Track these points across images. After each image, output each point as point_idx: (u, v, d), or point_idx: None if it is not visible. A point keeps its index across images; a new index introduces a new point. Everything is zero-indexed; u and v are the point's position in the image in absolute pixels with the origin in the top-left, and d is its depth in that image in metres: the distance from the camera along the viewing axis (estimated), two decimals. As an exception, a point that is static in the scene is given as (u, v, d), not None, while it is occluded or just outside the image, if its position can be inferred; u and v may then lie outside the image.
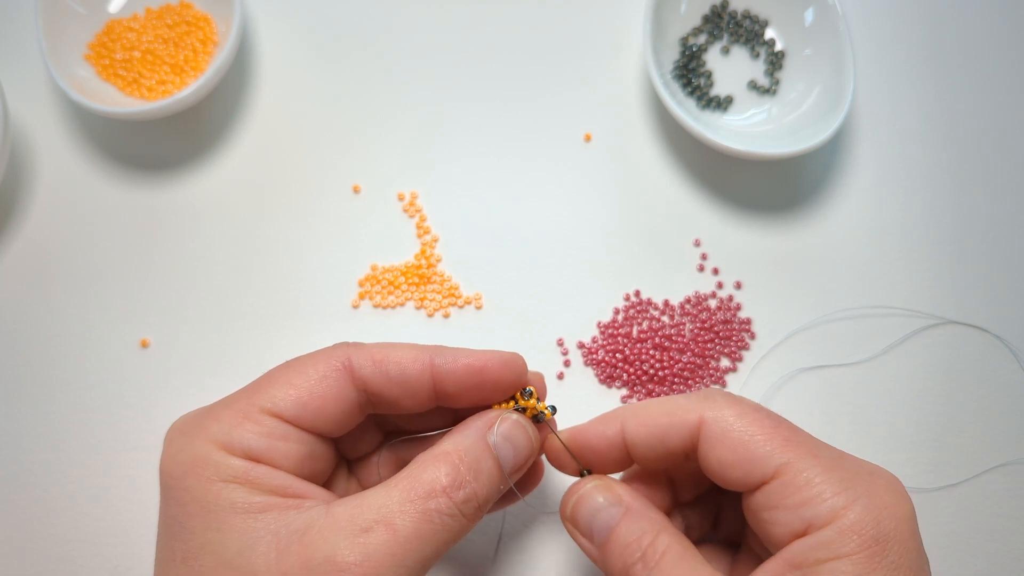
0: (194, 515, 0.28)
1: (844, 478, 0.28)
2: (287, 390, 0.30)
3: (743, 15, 0.49)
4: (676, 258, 0.46)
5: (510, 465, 0.31)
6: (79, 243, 0.46)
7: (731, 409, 0.30)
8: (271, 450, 0.29)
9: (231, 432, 0.29)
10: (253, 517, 0.28)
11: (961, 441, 0.43)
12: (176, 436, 0.30)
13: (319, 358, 0.31)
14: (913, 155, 0.49)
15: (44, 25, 0.45)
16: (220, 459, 0.29)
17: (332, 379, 0.31)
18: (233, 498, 0.28)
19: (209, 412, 0.30)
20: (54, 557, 0.41)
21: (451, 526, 0.29)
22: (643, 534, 0.30)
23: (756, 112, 0.48)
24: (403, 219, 0.47)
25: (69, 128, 0.48)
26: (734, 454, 0.29)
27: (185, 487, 0.29)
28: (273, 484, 0.29)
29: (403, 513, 0.28)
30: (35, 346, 0.44)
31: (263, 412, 0.30)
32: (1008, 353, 0.45)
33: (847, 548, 0.26)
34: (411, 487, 0.29)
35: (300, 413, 0.30)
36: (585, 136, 0.48)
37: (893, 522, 0.26)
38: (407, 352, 0.31)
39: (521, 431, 0.32)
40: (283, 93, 0.49)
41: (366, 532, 0.27)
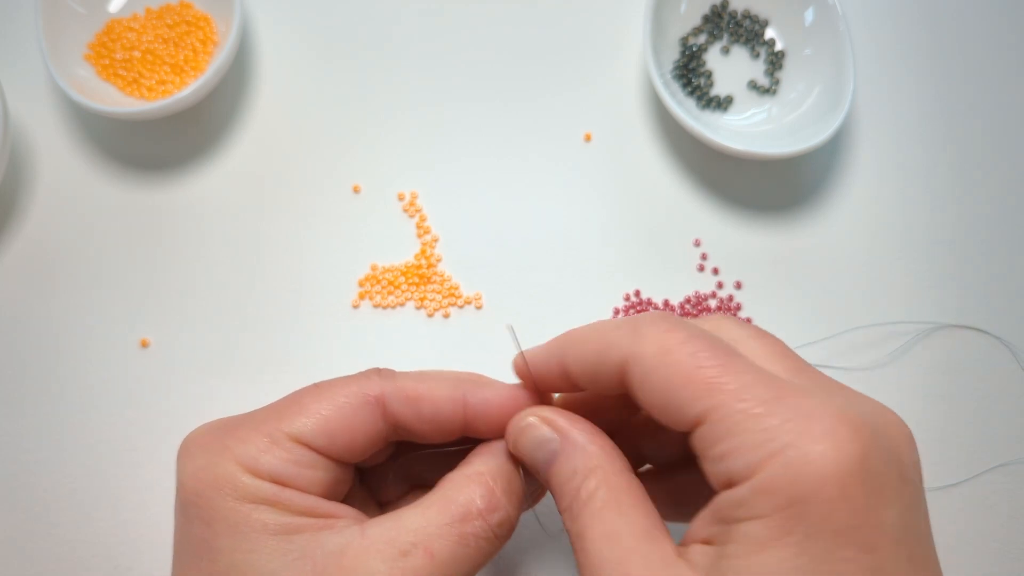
0: (222, 535, 0.28)
1: (771, 426, 0.24)
2: (316, 420, 0.30)
3: (743, 15, 0.49)
4: (676, 258, 0.46)
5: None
6: (79, 243, 0.46)
7: (654, 346, 0.27)
8: (298, 477, 0.29)
9: (259, 457, 0.28)
10: (286, 539, 0.27)
11: (961, 441, 0.43)
12: (196, 452, 0.29)
13: (351, 387, 0.30)
14: (913, 155, 0.49)
15: (44, 25, 0.45)
16: (248, 481, 0.28)
17: (364, 412, 0.30)
18: (264, 519, 0.28)
19: (232, 431, 0.30)
20: (54, 557, 0.41)
21: (485, 549, 0.29)
22: (574, 475, 0.28)
23: (756, 112, 0.48)
24: (403, 219, 0.47)
25: (69, 128, 0.48)
26: (655, 397, 0.26)
27: (213, 507, 0.28)
28: (303, 506, 0.28)
29: (440, 536, 0.28)
30: (35, 346, 0.44)
31: (291, 439, 0.29)
32: (1008, 353, 0.45)
33: (760, 509, 0.23)
34: (447, 509, 0.28)
35: (329, 444, 0.30)
36: (585, 136, 0.48)
37: (817, 480, 0.22)
38: (441, 391, 0.31)
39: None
40: (283, 93, 0.49)
41: (404, 556, 0.27)
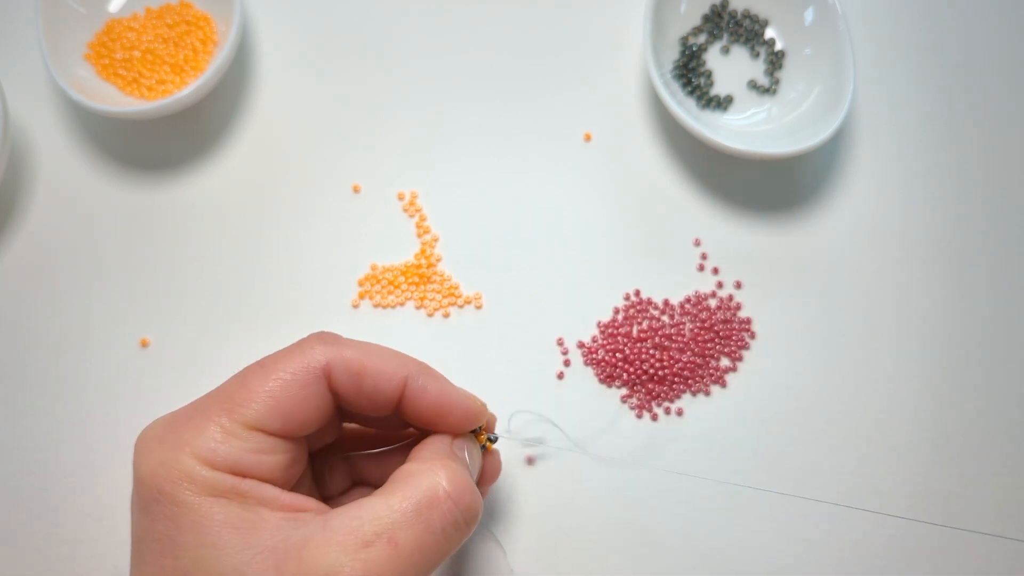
0: (186, 531, 0.27)
1: None
2: (269, 402, 0.29)
3: (743, 15, 0.49)
4: (676, 258, 0.46)
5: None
6: (79, 243, 0.46)
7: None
8: (258, 464, 0.29)
9: (216, 448, 0.28)
10: (248, 533, 0.27)
11: (962, 441, 0.43)
12: (153, 447, 0.29)
13: (295, 362, 0.30)
14: (913, 155, 0.49)
15: (44, 25, 0.45)
16: (207, 474, 0.28)
17: (312, 386, 0.30)
18: (227, 513, 0.27)
19: (186, 423, 0.29)
20: (54, 557, 0.41)
21: (452, 536, 0.28)
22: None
23: (756, 112, 0.48)
24: (403, 219, 0.47)
25: (69, 128, 0.48)
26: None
27: (175, 503, 0.28)
28: (264, 497, 0.28)
29: (406, 524, 0.27)
30: (35, 346, 0.44)
31: (246, 427, 0.29)
32: (1008, 353, 0.45)
33: None
34: (412, 496, 0.28)
35: (284, 424, 0.29)
36: (585, 136, 0.48)
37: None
38: (385, 368, 0.31)
39: (476, 448, 0.33)
40: (283, 93, 0.49)
41: (367, 547, 0.27)
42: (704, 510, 0.41)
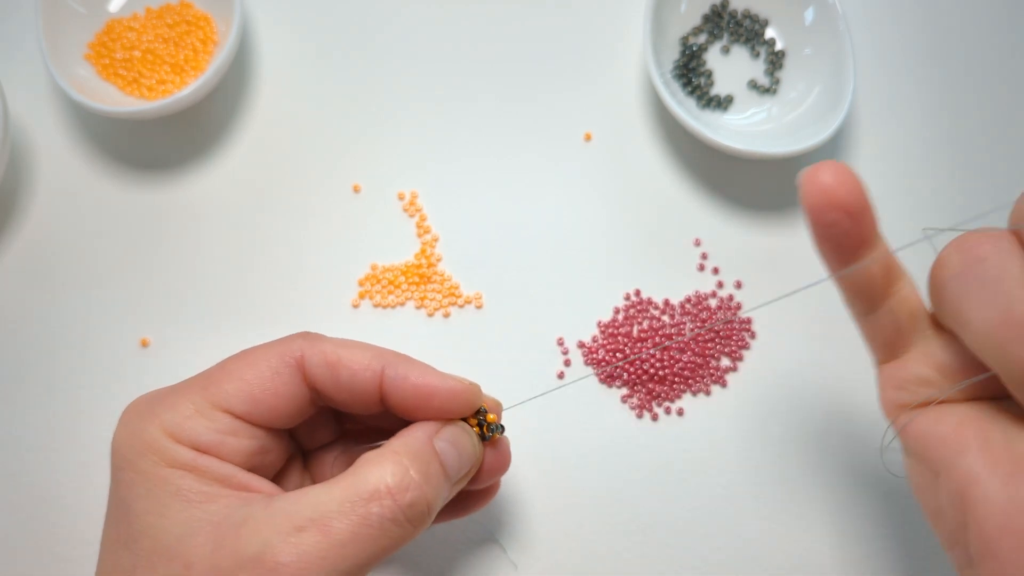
0: (140, 498, 0.28)
1: None
2: (239, 385, 0.30)
3: (743, 14, 0.49)
4: (676, 258, 0.46)
5: (455, 472, 0.30)
6: (79, 243, 0.46)
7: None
8: (220, 445, 0.29)
9: (182, 423, 0.29)
10: (196, 506, 0.28)
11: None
12: (131, 417, 0.30)
13: (272, 352, 0.31)
14: (913, 155, 0.49)
15: (44, 25, 0.45)
16: (168, 446, 0.29)
17: (284, 375, 0.30)
18: (179, 484, 0.28)
19: (163, 398, 0.30)
20: (54, 557, 0.41)
21: (392, 531, 0.28)
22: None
23: (756, 112, 0.48)
24: (403, 219, 0.47)
25: (69, 128, 0.48)
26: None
27: (136, 469, 0.29)
28: (220, 474, 0.29)
29: (341, 514, 0.27)
30: (35, 346, 0.44)
31: (214, 407, 0.29)
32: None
33: None
34: (353, 486, 0.28)
35: (251, 409, 0.30)
36: (585, 136, 0.48)
37: None
38: (360, 358, 0.30)
39: (466, 437, 0.31)
40: (283, 93, 0.49)
41: (300, 531, 0.27)
42: (705, 509, 0.41)
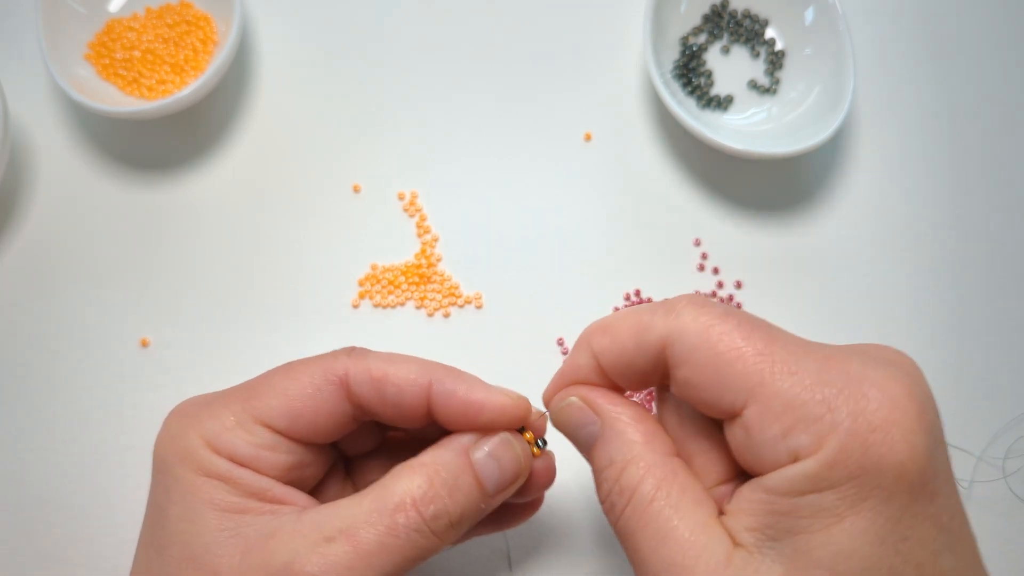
0: (174, 503, 0.29)
1: (828, 396, 0.24)
2: (281, 399, 0.30)
3: (743, 14, 0.49)
4: (676, 258, 0.46)
5: (494, 484, 0.29)
6: (79, 243, 0.46)
7: (696, 323, 0.26)
8: (257, 458, 0.29)
9: (221, 434, 0.29)
10: (227, 516, 0.28)
11: (967, 439, 0.43)
12: (174, 421, 0.30)
13: (316, 367, 0.30)
14: (913, 154, 0.49)
15: (44, 25, 0.45)
16: (206, 456, 0.29)
17: (326, 392, 0.30)
18: (213, 495, 0.28)
19: (207, 405, 0.30)
20: (54, 557, 0.41)
21: (418, 542, 0.28)
22: (611, 464, 0.27)
23: (756, 112, 0.48)
24: (403, 219, 0.47)
25: (69, 128, 0.48)
26: (702, 375, 0.26)
27: (173, 475, 0.29)
28: (254, 487, 0.29)
29: (368, 525, 0.27)
30: (35, 346, 0.44)
31: (255, 421, 0.29)
32: (1010, 353, 0.45)
33: (832, 480, 0.23)
34: (381, 497, 0.28)
35: (291, 425, 0.30)
36: (585, 136, 0.48)
37: (885, 445, 0.23)
38: (406, 374, 0.30)
39: (509, 449, 0.30)
40: (283, 93, 0.49)
41: (328, 542, 0.27)
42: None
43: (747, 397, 0.25)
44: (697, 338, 0.26)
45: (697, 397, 0.26)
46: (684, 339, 0.26)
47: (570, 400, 0.29)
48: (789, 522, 0.24)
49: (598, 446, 0.28)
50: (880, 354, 0.26)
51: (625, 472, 0.27)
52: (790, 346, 0.25)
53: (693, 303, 0.27)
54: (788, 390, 0.24)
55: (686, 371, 0.26)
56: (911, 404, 0.24)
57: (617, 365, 0.28)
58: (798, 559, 0.24)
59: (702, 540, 0.25)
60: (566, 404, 0.29)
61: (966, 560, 0.25)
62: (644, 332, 0.27)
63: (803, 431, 0.24)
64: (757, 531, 0.25)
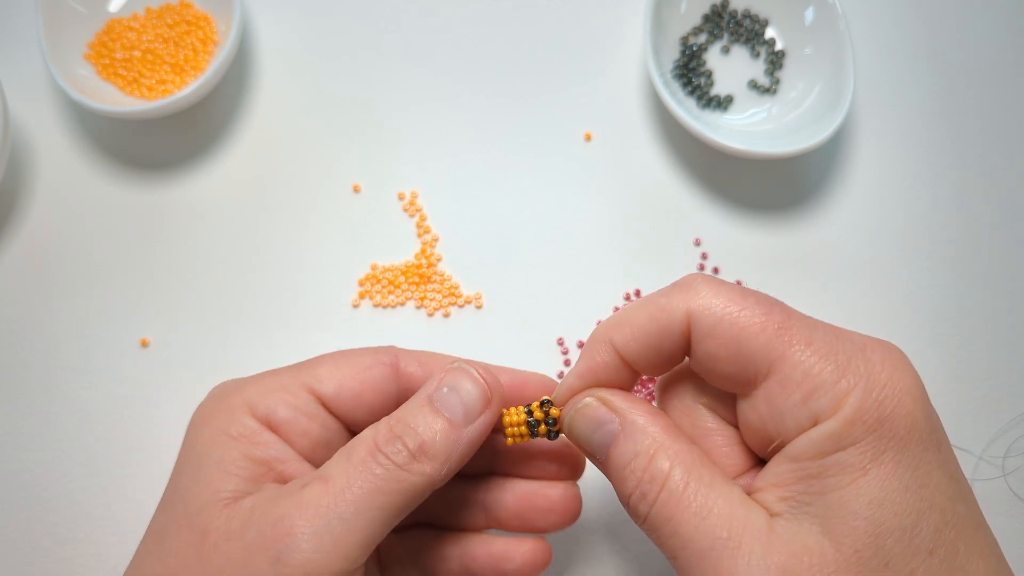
0: (188, 461, 0.30)
1: (841, 362, 0.26)
2: (331, 370, 0.31)
3: (743, 14, 0.49)
4: (676, 258, 0.46)
5: (460, 412, 0.29)
6: (79, 243, 0.46)
7: (718, 298, 0.27)
8: (292, 423, 0.30)
9: (264, 395, 0.30)
10: (231, 479, 0.29)
11: (966, 438, 0.43)
12: (217, 390, 0.32)
13: (368, 351, 0.32)
14: (913, 154, 0.49)
15: (44, 25, 0.45)
16: (237, 416, 0.30)
17: (377, 371, 0.32)
18: (223, 455, 0.29)
19: (254, 376, 0.32)
20: (54, 557, 0.41)
21: (384, 475, 0.28)
22: (636, 456, 0.28)
23: (756, 111, 0.48)
24: (403, 218, 0.47)
25: (69, 128, 0.48)
26: (726, 349, 0.27)
27: (198, 434, 0.30)
28: (268, 455, 0.30)
29: (337, 466, 0.28)
30: (35, 346, 0.44)
31: (302, 386, 0.31)
32: (1011, 353, 0.45)
33: (854, 436, 0.25)
34: (351, 445, 0.29)
35: (338, 394, 0.31)
36: (585, 135, 0.48)
37: (896, 398, 0.25)
38: (449, 360, 0.32)
39: (463, 375, 0.30)
40: (283, 93, 0.49)
41: (303, 487, 0.28)
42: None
43: (769, 368, 0.26)
44: (722, 312, 0.27)
45: (719, 370, 0.28)
46: (707, 315, 0.27)
47: (586, 401, 0.30)
48: (819, 483, 0.25)
49: (618, 443, 0.28)
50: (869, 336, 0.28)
51: (654, 461, 0.27)
52: (803, 321, 0.27)
53: (707, 281, 0.28)
54: (806, 360, 0.26)
55: (710, 345, 0.27)
56: (906, 365, 0.26)
57: (644, 354, 0.29)
58: (833, 515, 0.25)
59: (742, 512, 0.26)
60: (583, 405, 0.30)
61: (973, 510, 0.26)
62: (665, 314, 0.28)
63: (823, 395, 0.25)
64: (790, 499, 0.26)
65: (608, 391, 0.30)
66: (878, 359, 0.26)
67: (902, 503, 0.25)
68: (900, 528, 0.25)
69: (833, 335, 0.27)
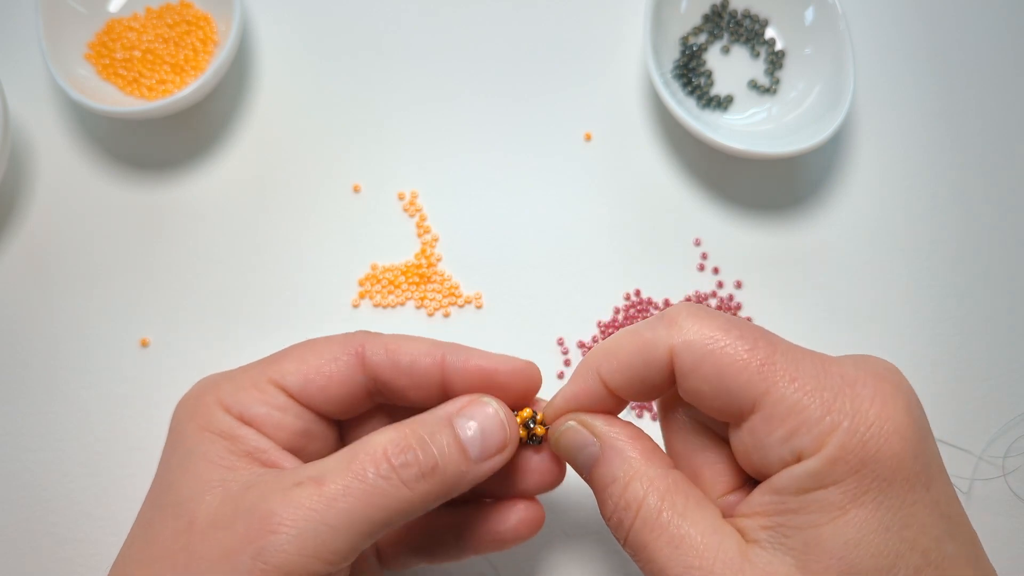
0: (174, 455, 0.30)
1: (827, 398, 0.26)
2: (297, 364, 0.31)
3: (743, 14, 0.49)
4: (676, 258, 0.46)
5: (477, 449, 0.29)
6: (79, 243, 0.46)
7: (701, 333, 0.27)
8: (266, 418, 0.30)
9: (236, 394, 0.30)
10: (217, 469, 0.29)
11: (967, 438, 0.43)
12: (196, 387, 0.32)
13: (334, 340, 0.32)
14: (913, 154, 0.49)
15: (44, 25, 0.45)
16: (215, 413, 0.30)
17: (342, 361, 0.31)
18: (208, 449, 0.29)
19: (230, 373, 0.32)
20: (54, 557, 0.41)
21: (385, 489, 0.27)
22: (614, 481, 0.28)
23: (756, 111, 0.48)
24: (403, 218, 0.47)
25: (69, 128, 0.48)
26: (709, 385, 0.27)
27: (181, 431, 0.30)
28: (253, 446, 0.30)
29: (335, 471, 0.28)
30: (35, 346, 0.44)
31: (270, 382, 0.31)
32: (1011, 353, 0.45)
33: (835, 476, 0.25)
34: (354, 448, 0.28)
35: (303, 388, 0.31)
36: (585, 135, 0.48)
37: (881, 438, 0.25)
38: (421, 346, 0.31)
39: (493, 417, 0.30)
40: (283, 93, 0.49)
41: (297, 486, 0.27)
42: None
43: (753, 404, 0.26)
44: (702, 350, 0.27)
45: (704, 404, 0.28)
46: (689, 352, 0.27)
47: (568, 424, 0.31)
48: (798, 519, 0.25)
49: (599, 466, 0.29)
50: (867, 362, 0.27)
51: (629, 488, 0.28)
52: (789, 354, 0.27)
53: (692, 314, 0.28)
54: (790, 396, 0.26)
55: (693, 382, 0.27)
56: (899, 400, 0.26)
57: (629, 384, 0.29)
58: (809, 552, 0.25)
59: (715, 541, 0.26)
60: (565, 428, 0.31)
61: (967, 547, 0.26)
62: (649, 349, 0.28)
63: (805, 433, 0.25)
64: (770, 529, 0.26)
65: (590, 415, 0.30)
66: (868, 394, 0.26)
67: (880, 544, 0.24)
68: (876, 569, 0.24)
69: (821, 368, 0.26)
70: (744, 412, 0.27)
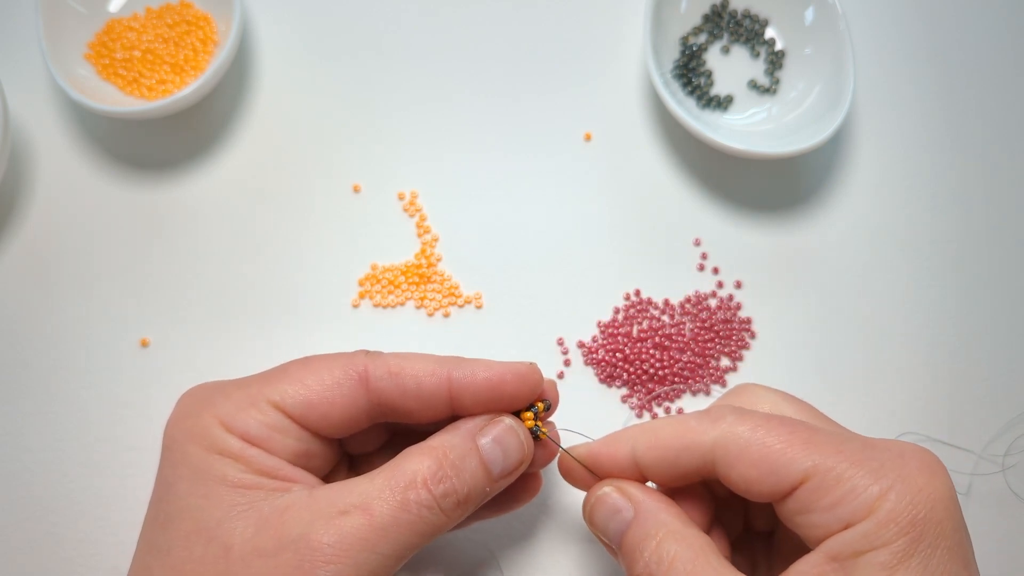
0: (184, 479, 0.29)
1: (874, 468, 0.27)
2: (298, 388, 0.31)
3: (743, 14, 0.49)
4: (676, 257, 0.46)
5: (499, 468, 0.31)
6: (79, 243, 0.46)
7: (744, 425, 0.29)
8: (268, 439, 0.30)
9: (235, 414, 0.30)
10: (240, 492, 0.29)
11: (967, 437, 0.43)
12: (187, 402, 0.31)
13: (337, 363, 0.32)
14: (913, 154, 0.49)
15: (44, 25, 0.45)
16: (219, 434, 0.30)
17: (345, 386, 0.31)
18: (225, 471, 0.29)
19: (222, 388, 0.31)
20: (54, 557, 0.41)
21: (428, 518, 0.29)
22: (647, 537, 0.29)
23: (756, 111, 0.48)
24: (403, 218, 0.47)
25: (69, 128, 0.48)
26: (757, 470, 0.29)
27: (183, 452, 0.30)
28: (265, 465, 0.30)
29: (381, 500, 0.28)
30: (35, 346, 0.44)
31: (270, 403, 0.30)
32: (1011, 353, 0.45)
33: (885, 537, 0.26)
34: (392, 475, 0.29)
35: (305, 413, 0.31)
36: (585, 136, 0.48)
37: (928, 504, 0.27)
38: (424, 365, 0.31)
39: (513, 436, 0.32)
40: (283, 93, 0.49)
41: (343, 515, 0.28)
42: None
43: (800, 478, 0.28)
44: (749, 436, 0.29)
45: (753, 491, 0.29)
46: (735, 441, 0.29)
47: (605, 490, 0.32)
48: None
49: (632, 527, 0.30)
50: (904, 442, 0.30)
51: (663, 544, 0.29)
52: (832, 431, 0.29)
53: (736, 412, 0.30)
54: (836, 466, 0.27)
55: (741, 468, 0.29)
56: (942, 474, 0.28)
57: (658, 463, 0.31)
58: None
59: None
60: (602, 494, 0.32)
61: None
62: (692, 435, 0.30)
63: (854, 499, 0.27)
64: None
65: (626, 481, 0.32)
66: (915, 465, 0.28)
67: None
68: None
69: (865, 442, 0.29)
70: (792, 488, 0.28)
